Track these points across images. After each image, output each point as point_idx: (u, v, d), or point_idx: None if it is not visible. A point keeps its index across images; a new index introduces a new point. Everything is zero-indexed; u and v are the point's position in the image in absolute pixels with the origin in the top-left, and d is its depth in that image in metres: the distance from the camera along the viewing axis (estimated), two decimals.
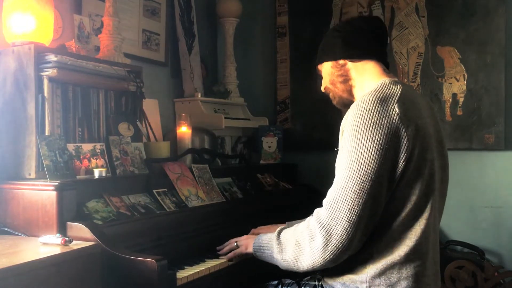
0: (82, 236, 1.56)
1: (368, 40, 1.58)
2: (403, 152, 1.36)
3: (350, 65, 1.59)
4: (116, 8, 2.19)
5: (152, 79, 2.62)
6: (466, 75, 2.64)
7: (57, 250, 1.44)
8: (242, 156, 2.72)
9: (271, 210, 2.38)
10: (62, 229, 1.60)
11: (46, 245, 1.50)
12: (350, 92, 1.63)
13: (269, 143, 2.93)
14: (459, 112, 2.66)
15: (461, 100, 2.65)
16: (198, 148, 2.46)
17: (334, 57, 1.61)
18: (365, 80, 1.57)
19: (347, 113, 1.45)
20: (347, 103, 1.63)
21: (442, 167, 1.57)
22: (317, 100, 3.02)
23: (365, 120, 1.37)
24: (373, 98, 1.40)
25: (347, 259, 1.40)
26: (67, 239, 1.49)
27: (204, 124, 2.66)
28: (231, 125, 2.79)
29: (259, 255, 1.62)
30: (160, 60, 2.79)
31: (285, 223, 1.83)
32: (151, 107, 2.48)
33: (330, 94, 1.70)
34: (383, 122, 1.36)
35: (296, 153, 3.06)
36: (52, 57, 1.80)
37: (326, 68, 1.66)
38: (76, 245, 1.50)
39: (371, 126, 1.36)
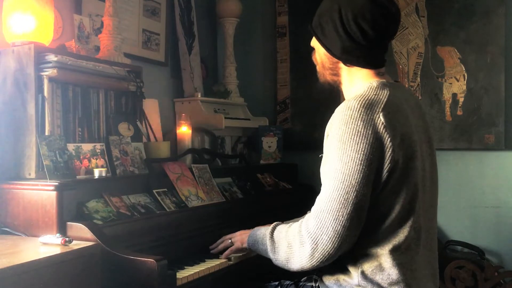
0: (82, 236, 1.56)
1: (371, 50, 1.46)
2: (387, 163, 1.35)
3: (342, 65, 1.52)
4: (116, 8, 2.19)
5: (152, 79, 2.62)
6: (466, 75, 2.64)
7: (57, 250, 1.44)
8: (242, 156, 2.72)
9: (271, 210, 2.38)
10: (62, 229, 1.60)
11: (46, 245, 1.50)
12: (337, 84, 1.58)
13: (269, 143, 2.93)
14: (459, 112, 2.66)
15: (461, 100, 2.65)
16: (198, 148, 2.46)
17: (329, 50, 1.50)
18: (354, 82, 1.52)
19: (332, 118, 1.43)
20: (332, 86, 1.61)
21: (431, 168, 1.54)
22: (317, 100, 3.03)
23: (349, 129, 1.34)
24: (358, 105, 1.36)
25: (341, 260, 1.41)
26: (67, 239, 1.49)
27: (204, 124, 2.66)
28: (231, 125, 2.78)
29: (254, 250, 1.64)
30: (160, 60, 2.79)
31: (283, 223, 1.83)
32: (151, 107, 2.48)
33: (317, 68, 1.60)
34: (368, 131, 1.33)
35: (296, 153, 3.06)
36: (52, 57, 1.80)
37: (319, 48, 1.55)
38: (76, 245, 1.50)
39: (355, 135, 1.34)
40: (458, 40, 2.65)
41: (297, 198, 2.69)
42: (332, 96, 3.00)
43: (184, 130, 2.40)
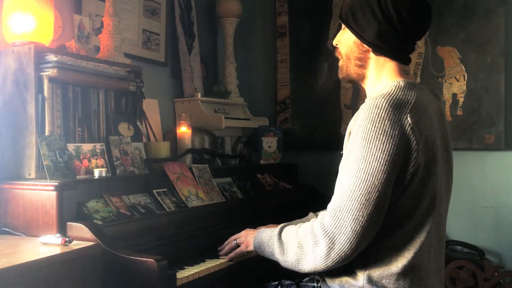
0: (82, 236, 1.56)
1: (403, 41, 1.45)
2: (411, 166, 1.33)
3: (372, 55, 1.48)
4: (116, 8, 2.19)
5: (152, 79, 2.62)
6: (466, 75, 2.64)
7: (57, 250, 1.44)
8: (242, 156, 2.72)
9: (271, 210, 2.38)
10: (62, 229, 1.60)
11: (46, 245, 1.50)
12: (360, 79, 1.54)
13: (269, 143, 2.93)
14: (459, 112, 2.66)
15: (461, 100, 2.65)
16: (198, 148, 2.46)
17: (361, 36, 1.46)
18: (380, 77, 1.49)
19: (356, 115, 1.39)
20: (353, 82, 1.59)
21: (448, 173, 1.53)
22: (317, 100, 3.03)
23: (376, 128, 1.32)
24: (386, 104, 1.33)
25: (349, 262, 1.39)
26: (67, 239, 1.49)
27: (204, 124, 2.66)
28: (231, 125, 2.79)
29: (260, 252, 1.61)
30: (160, 60, 2.79)
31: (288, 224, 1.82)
32: (151, 107, 2.48)
33: (339, 63, 1.57)
34: (394, 132, 1.31)
35: (296, 153, 3.06)
36: (52, 57, 1.80)
37: (348, 38, 1.51)
38: (76, 245, 1.50)
39: (381, 135, 1.31)
40: (458, 40, 2.65)
41: (297, 198, 2.69)
42: (332, 96, 3.01)
43: (184, 130, 2.40)
